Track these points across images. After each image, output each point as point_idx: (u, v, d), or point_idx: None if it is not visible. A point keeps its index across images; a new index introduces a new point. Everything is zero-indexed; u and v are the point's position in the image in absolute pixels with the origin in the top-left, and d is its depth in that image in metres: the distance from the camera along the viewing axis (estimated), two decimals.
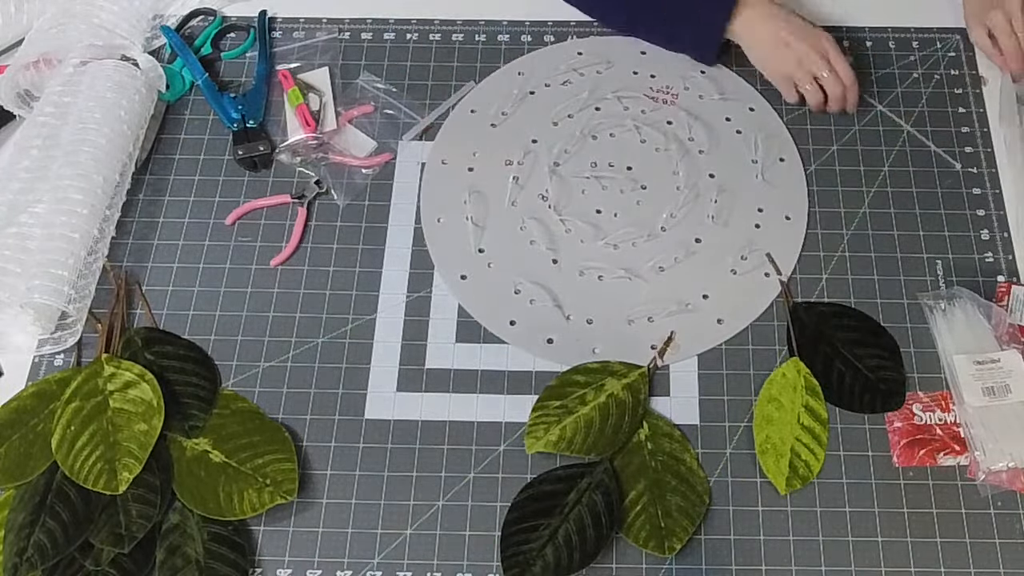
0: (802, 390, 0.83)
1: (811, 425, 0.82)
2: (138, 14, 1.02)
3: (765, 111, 0.99)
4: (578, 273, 0.90)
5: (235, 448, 0.81)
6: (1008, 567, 0.77)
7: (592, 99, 1.00)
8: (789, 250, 0.91)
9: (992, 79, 1.01)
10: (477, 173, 0.96)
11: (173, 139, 0.99)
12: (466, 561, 0.78)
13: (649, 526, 0.78)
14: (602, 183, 0.95)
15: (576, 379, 0.84)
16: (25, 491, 0.78)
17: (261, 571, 0.78)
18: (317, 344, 0.87)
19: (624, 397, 0.83)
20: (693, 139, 0.97)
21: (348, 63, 1.04)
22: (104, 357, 0.84)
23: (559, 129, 0.98)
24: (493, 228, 0.93)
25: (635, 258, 0.91)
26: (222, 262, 0.92)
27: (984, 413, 0.81)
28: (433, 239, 0.92)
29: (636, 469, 0.80)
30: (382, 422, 0.84)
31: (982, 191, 0.95)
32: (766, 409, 0.83)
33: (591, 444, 0.80)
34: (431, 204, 0.94)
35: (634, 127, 0.98)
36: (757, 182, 0.95)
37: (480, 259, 0.91)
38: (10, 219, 0.87)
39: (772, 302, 0.88)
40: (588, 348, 0.87)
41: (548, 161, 0.96)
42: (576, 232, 0.92)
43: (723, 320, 0.88)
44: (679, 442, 0.81)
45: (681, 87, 1.01)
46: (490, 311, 0.89)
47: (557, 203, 0.93)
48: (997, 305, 0.87)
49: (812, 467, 0.80)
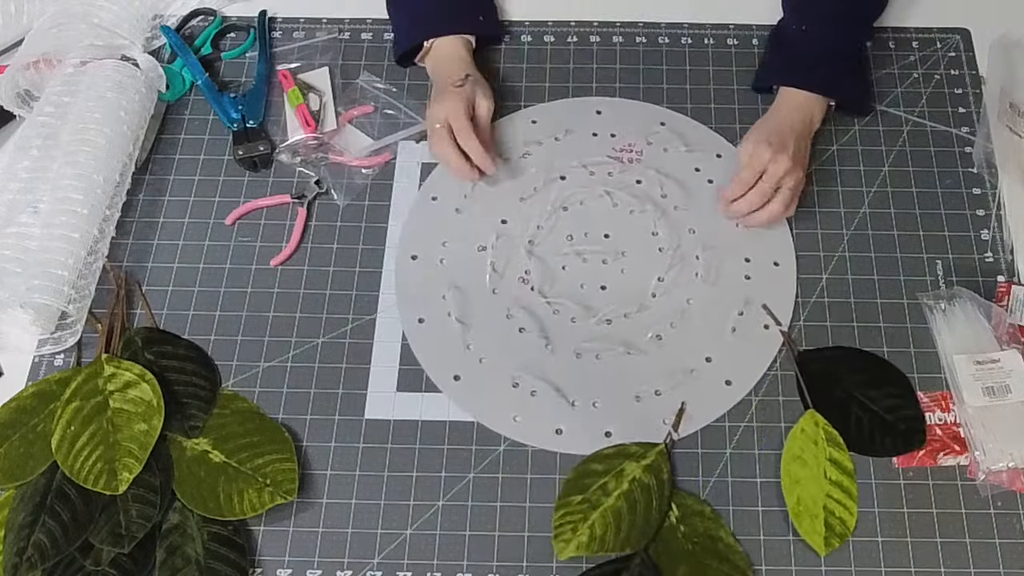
0: (824, 443, 0.80)
1: (839, 479, 0.79)
2: (138, 14, 1.02)
3: (732, 155, 0.95)
4: (575, 355, 0.86)
5: (235, 448, 0.81)
6: (1008, 567, 0.77)
7: (555, 169, 0.95)
8: (783, 297, 0.88)
9: (992, 79, 1.01)
10: (451, 264, 0.91)
11: (173, 139, 0.99)
12: (466, 561, 0.78)
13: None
14: (582, 256, 0.91)
15: (594, 468, 0.80)
16: (25, 491, 0.78)
17: (261, 571, 0.78)
18: (317, 344, 0.87)
19: (647, 480, 0.79)
20: (666, 195, 0.94)
21: (348, 63, 1.04)
22: (104, 357, 0.84)
23: (527, 205, 0.93)
24: (478, 322, 0.88)
25: (630, 331, 0.87)
26: (222, 262, 0.92)
27: (984, 413, 0.81)
28: (418, 341, 0.87)
29: (673, 555, 0.76)
30: (382, 422, 0.84)
31: (982, 191, 0.95)
32: (791, 469, 0.80)
33: (624, 539, 0.76)
34: (409, 304, 0.89)
35: (604, 192, 0.94)
36: (738, 232, 0.92)
37: (470, 356, 0.86)
38: (10, 219, 0.87)
39: (777, 354, 0.86)
40: (599, 432, 0.83)
41: (523, 241, 0.91)
42: (565, 312, 0.88)
43: (731, 381, 0.85)
44: (712, 519, 0.78)
45: (644, 143, 0.97)
46: (490, 410, 0.84)
47: (540, 284, 0.89)
48: (997, 305, 0.87)
49: (847, 523, 0.78)
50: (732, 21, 1.06)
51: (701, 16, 1.07)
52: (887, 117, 1.00)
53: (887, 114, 1.00)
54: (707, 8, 1.07)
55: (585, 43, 1.05)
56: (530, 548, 0.78)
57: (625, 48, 1.05)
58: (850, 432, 0.81)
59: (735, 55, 1.03)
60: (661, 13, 1.07)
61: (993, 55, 1.03)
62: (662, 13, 1.07)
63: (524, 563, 0.78)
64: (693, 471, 0.81)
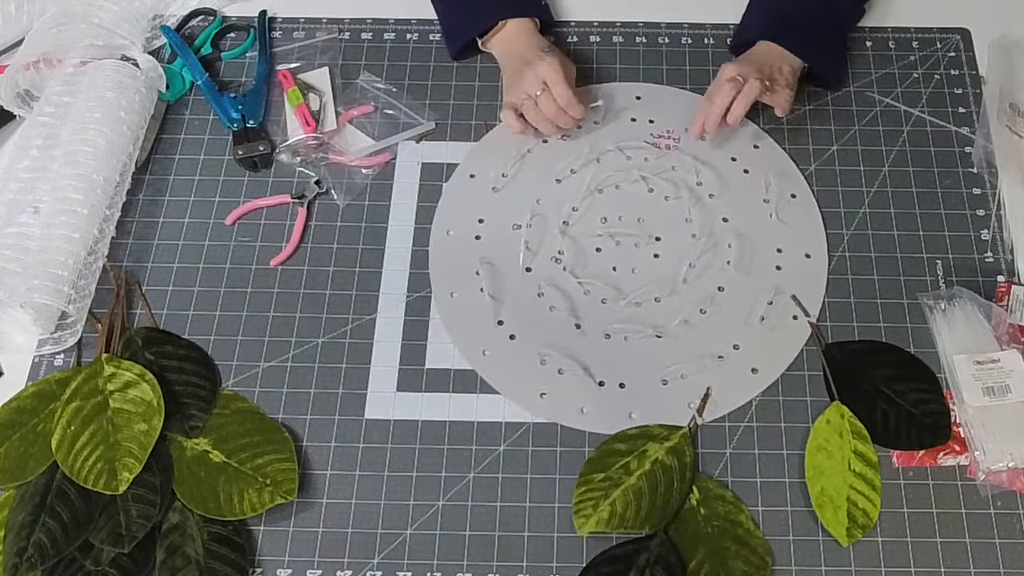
0: (849, 435, 0.81)
1: (863, 471, 0.79)
2: (138, 14, 1.02)
3: (769, 147, 0.97)
4: (604, 336, 0.87)
5: (235, 448, 0.81)
6: (1008, 567, 0.77)
7: (593, 152, 0.97)
8: (814, 289, 0.89)
9: (992, 79, 1.01)
10: (485, 241, 0.92)
11: (173, 139, 0.99)
12: (466, 561, 0.78)
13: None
14: (615, 239, 0.92)
15: (617, 447, 0.81)
16: (25, 491, 0.78)
17: (261, 571, 0.78)
18: (317, 344, 0.87)
19: (670, 462, 0.80)
20: (702, 183, 0.95)
21: (348, 63, 1.04)
22: (104, 357, 0.84)
23: (563, 187, 0.95)
24: (510, 298, 0.89)
25: (660, 315, 0.88)
26: (222, 262, 0.92)
27: (984, 413, 0.81)
28: (449, 315, 0.88)
29: (692, 537, 0.77)
30: (382, 422, 0.84)
31: (982, 191, 0.95)
32: (816, 459, 0.80)
33: (644, 517, 0.77)
34: (442, 278, 0.90)
35: (640, 177, 0.95)
36: (772, 222, 0.92)
37: (500, 332, 0.87)
38: (10, 219, 0.87)
39: (804, 345, 0.86)
40: (624, 413, 0.83)
41: (557, 221, 0.93)
42: (596, 293, 0.89)
43: (757, 369, 0.85)
44: (732, 504, 0.79)
45: (681, 130, 0.98)
46: (517, 386, 0.85)
47: (573, 265, 0.90)
48: (997, 305, 0.87)
49: (871, 514, 0.78)
50: (732, 21, 1.06)
51: (701, 16, 1.07)
52: (887, 117, 1.00)
53: (887, 114, 1.00)
54: (707, 8, 1.07)
55: (585, 43, 1.05)
56: (530, 548, 0.78)
57: (625, 48, 1.05)
58: (876, 425, 0.82)
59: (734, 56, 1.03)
60: (661, 13, 1.07)
61: (993, 55, 1.03)
62: (662, 13, 1.07)
63: (524, 563, 0.78)
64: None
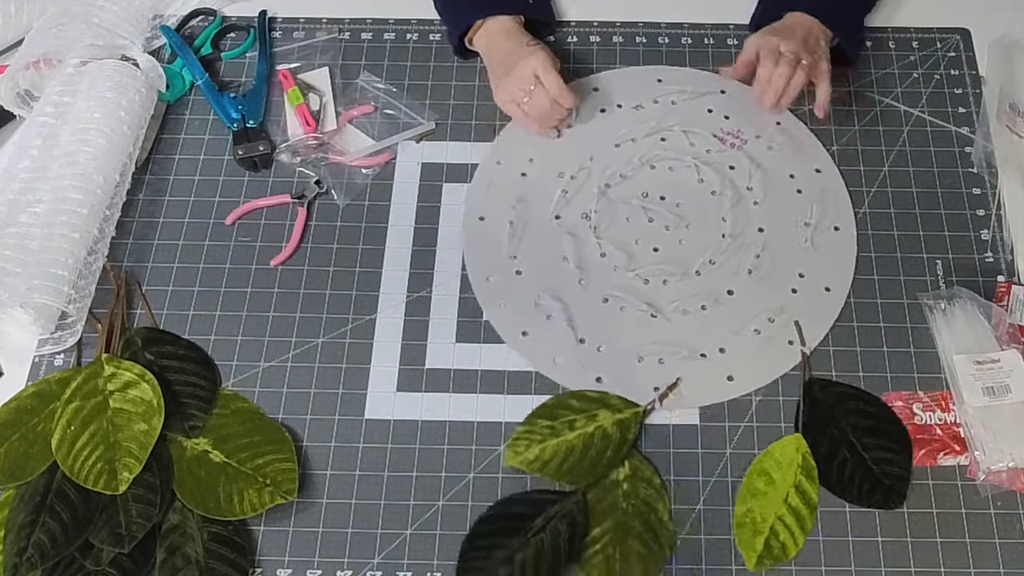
0: (798, 469, 0.79)
1: (799, 507, 0.78)
2: (138, 14, 1.02)
3: (832, 175, 0.95)
4: (602, 299, 0.88)
5: (235, 448, 0.81)
6: (1008, 567, 0.77)
7: (659, 128, 0.98)
8: (821, 322, 0.87)
9: (992, 79, 1.01)
10: (529, 180, 0.95)
11: (173, 139, 0.99)
12: None
13: (605, 567, 0.76)
14: (648, 214, 0.93)
15: (571, 403, 0.83)
16: (25, 491, 0.78)
17: (261, 571, 0.78)
18: (317, 344, 0.87)
19: (612, 432, 0.81)
20: (751, 188, 0.94)
21: (348, 63, 1.04)
22: (104, 357, 0.84)
23: (619, 152, 0.97)
24: (530, 238, 0.92)
25: (663, 296, 0.89)
26: (222, 262, 0.92)
27: (984, 413, 0.81)
28: (470, 235, 0.92)
29: (607, 507, 0.78)
30: (382, 422, 0.84)
31: (982, 191, 0.95)
32: (754, 481, 0.80)
33: (566, 471, 0.79)
34: (476, 201, 0.94)
35: (694, 165, 0.95)
36: (804, 246, 0.91)
37: (510, 265, 0.90)
38: (10, 219, 0.87)
39: (789, 372, 0.85)
40: (592, 375, 0.85)
41: (600, 182, 0.94)
42: (610, 258, 0.90)
43: (733, 378, 0.85)
44: (656, 490, 0.79)
45: (752, 134, 0.98)
46: (506, 318, 0.88)
47: (599, 225, 0.92)
48: (997, 305, 0.87)
49: (788, 550, 0.77)
50: (732, 21, 1.06)
51: (701, 16, 1.07)
52: (887, 117, 1.00)
53: (887, 114, 1.00)
54: (707, 8, 1.07)
55: (585, 43, 1.05)
56: None
57: (625, 48, 1.05)
58: (831, 470, 0.80)
59: (735, 55, 1.03)
60: (661, 13, 1.07)
61: (993, 55, 1.03)
62: (662, 13, 1.07)
63: None
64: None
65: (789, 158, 0.96)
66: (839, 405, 0.83)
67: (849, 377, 0.85)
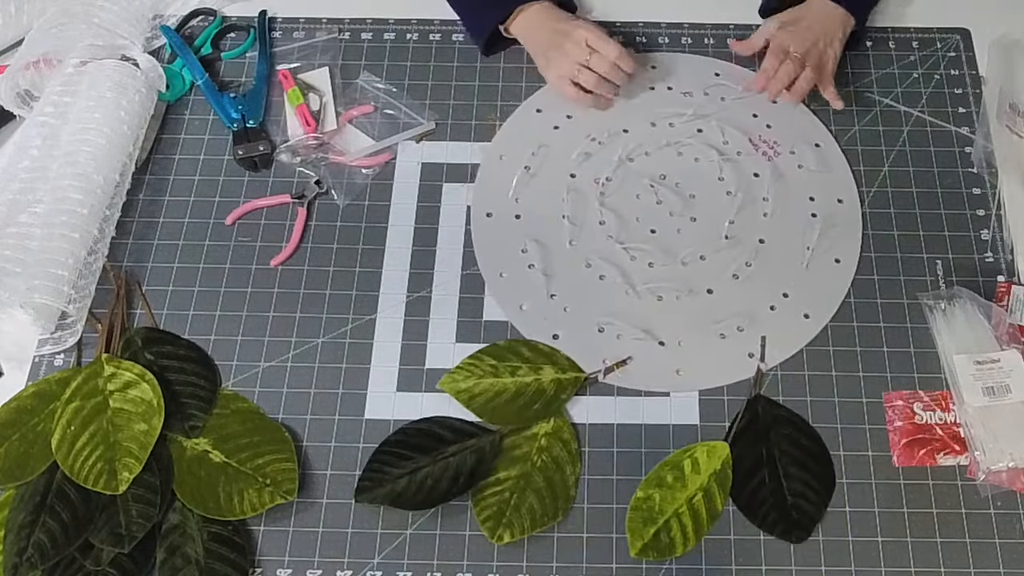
0: (713, 475, 0.79)
1: (700, 510, 0.78)
2: (138, 14, 1.02)
3: (851, 210, 0.93)
4: (585, 263, 0.90)
5: (235, 448, 0.81)
6: (1008, 567, 0.77)
7: (697, 118, 0.99)
8: (788, 346, 0.86)
9: (992, 79, 1.01)
10: (560, 133, 0.98)
11: (173, 139, 0.99)
12: (466, 561, 0.78)
13: (496, 509, 0.78)
14: (659, 196, 0.94)
15: (522, 351, 0.85)
16: (25, 491, 0.78)
17: (261, 571, 0.78)
18: (317, 344, 0.87)
19: (548, 389, 0.83)
20: (767, 199, 0.94)
21: (348, 63, 1.04)
22: (104, 357, 0.84)
23: (652, 131, 0.98)
24: (537, 185, 0.94)
25: (643, 275, 0.90)
26: (222, 262, 0.92)
27: (984, 413, 0.81)
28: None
29: (519, 456, 0.81)
30: (382, 422, 0.84)
31: (982, 191, 0.95)
32: (664, 473, 0.80)
33: (490, 411, 0.82)
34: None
35: (719, 162, 0.96)
36: (799, 267, 0.90)
37: (511, 207, 0.94)
38: (10, 219, 0.87)
39: (740, 382, 0.85)
40: (551, 331, 0.87)
41: (623, 152, 0.96)
42: (607, 226, 0.92)
43: (681, 371, 0.85)
44: (570, 455, 0.81)
45: (787, 149, 0.97)
46: (490, 257, 0.91)
47: (607, 192, 0.94)
48: (997, 305, 0.87)
49: (675, 548, 0.77)
50: (732, 21, 1.06)
51: (701, 16, 1.07)
52: (887, 117, 1.00)
53: (887, 114, 1.00)
54: (707, 8, 1.07)
55: None
56: (530, 548, 0.78)
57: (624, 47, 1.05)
58: (746, 486, 0.80)
59: (735, 54, 1.03)
60: (661, 13, 1.07)
61: (993, 55, 1.03)
62: (662, 13, 1.07)
63: (524, 563, 0.78)
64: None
65: (814, 181, 0.95)
66: (776, 428, 0.82)
67: (849, 377, 0.85)
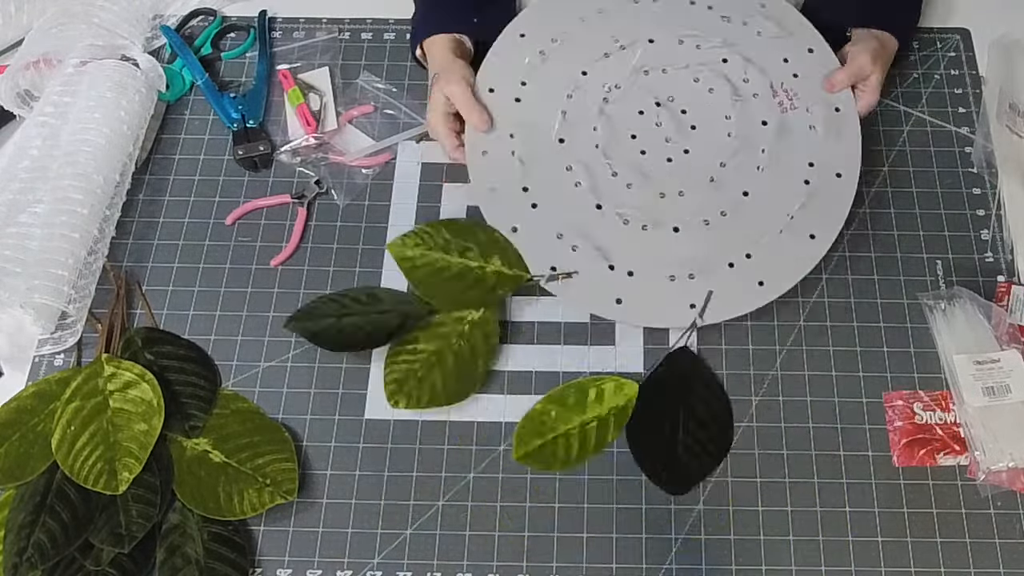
0: (614, 410, 0.80)
1: (590, 437, 0.79)
2: (138, 14, 1.02)
3: (847, 185, 0.89)
4: (565, 165, 0.89)
5: (235, 448, 0.81)
6: (1008, 567, 0.77)
7: (726, 46, 0.94)
8: (733, 307, 0.84)
9: (992, 79, 1.01)
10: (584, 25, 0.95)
11: (173, 139, 0.99)
12: (466, 561, 0.78)
13: (402, 375, 0.82)
14: (659, 118, 0.91)
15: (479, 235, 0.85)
16: (25, 491, 0.78)
17: (261, 571, 0.78)
18: None
19: (489, 279, 0.83)
20: (764, 152, 0.90)
21: (348, 63, 1.04)
22: (104, 357, 0.84)
23: (678, 49, 0.94)
24: (549, 66, 0.93)
25: (618, 195, 0.87)
26: (222, 262, 0.92)
27: (984, 413, 0.81)
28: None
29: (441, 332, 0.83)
30: (382, 422, 0.84)
31: (982, 191, 0.95)
32: (568, 393, 0.81)
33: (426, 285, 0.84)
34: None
35: (732, 100, 0.92)
36: (772, 233, 0.87)
37: (512, 86, 0.92)
38: (10, 219, 0.87)
39: (675, 330, 0.86)
40: (511, 221, 0.86)
41: (639, 63, 0.93)
42: (598, 134, 0.90)
43: (622, 301, 0.84)
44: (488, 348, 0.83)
45: (804, 105, 0.92)
46: (479, 133, 0.89)
47: (611, 96, 0.92)
48: (997, 305, 0.87)
49: (554, 463, 0.79)
50: None
51: None
52: (887, 117, 1.00)
53: (887, 114, 1.00)
54: None
55: None
56: (530, 548, 0.78)
57: None
58: (641, 429, 0.80)
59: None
60: None
61: (993, 55, 1.03)
62: None
63: (524, 563, 0.78)
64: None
65: (819, 146, 0.91)
66: (691, 383, 0.82)
67: (849, 377, 0.85)
